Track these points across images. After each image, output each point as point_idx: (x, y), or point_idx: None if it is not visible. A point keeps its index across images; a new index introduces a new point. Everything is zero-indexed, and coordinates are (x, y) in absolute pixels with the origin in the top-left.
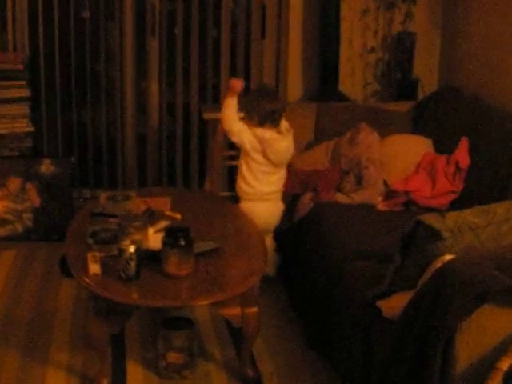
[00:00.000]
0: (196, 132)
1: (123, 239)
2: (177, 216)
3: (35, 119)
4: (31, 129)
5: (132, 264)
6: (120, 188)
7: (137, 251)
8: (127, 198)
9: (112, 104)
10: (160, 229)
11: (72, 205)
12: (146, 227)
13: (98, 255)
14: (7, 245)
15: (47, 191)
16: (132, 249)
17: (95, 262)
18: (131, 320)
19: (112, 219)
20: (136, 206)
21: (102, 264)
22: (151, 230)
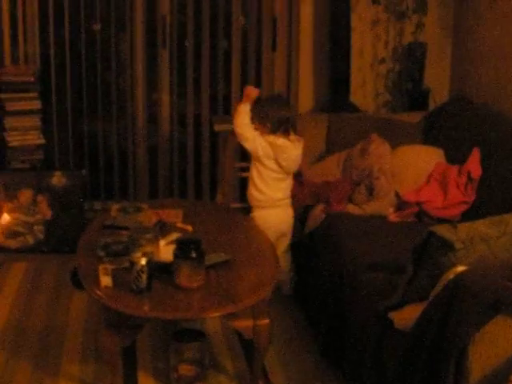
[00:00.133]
0: (207, 143)
1: (134, 251)
2: (188, 228)
3: (46, 131)
4: (42, 141)
5: (143, 276)
6: (131, 200)
7: (148, 263)
8: (139, 210)
9: (123, 116)
10: (171, 241)
11: (83, 217)
12: (158, 239)
13: (110, 267)
14: (18, 257)
15: (58, 203)
16: (143, 261)
17: (107, 275)
18: (143, 332)
19: (123, 231)
20: (147, 218)
21: (114, 276)
22: (162, 242)
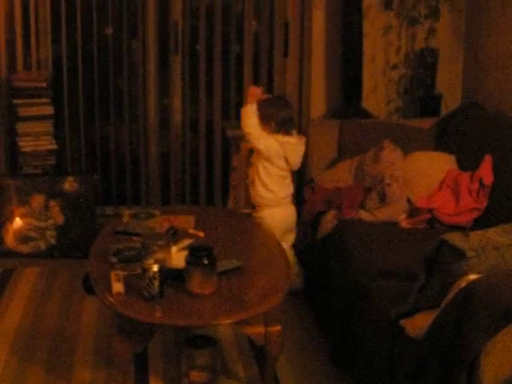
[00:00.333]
0: (219, 149)
1: (146, 258)
2: (200, 234)
3: (58, 137)
4: (55, 146)
5: (155, 283)
6: (143, 205)
7: (160, 270)
8: (150, 216)
9: (135, 121)
10: (183, 247)
11: (95, 222)
12: (170, 245)
13: (122, 274)
14: (30, 262)
15: (70, 209)
16: (155, 267)
17: (118, 281)
18: (154, 338)
19: (135, 237)
20: (159, 224)
21: (126, 283)
22: (174, 249)
